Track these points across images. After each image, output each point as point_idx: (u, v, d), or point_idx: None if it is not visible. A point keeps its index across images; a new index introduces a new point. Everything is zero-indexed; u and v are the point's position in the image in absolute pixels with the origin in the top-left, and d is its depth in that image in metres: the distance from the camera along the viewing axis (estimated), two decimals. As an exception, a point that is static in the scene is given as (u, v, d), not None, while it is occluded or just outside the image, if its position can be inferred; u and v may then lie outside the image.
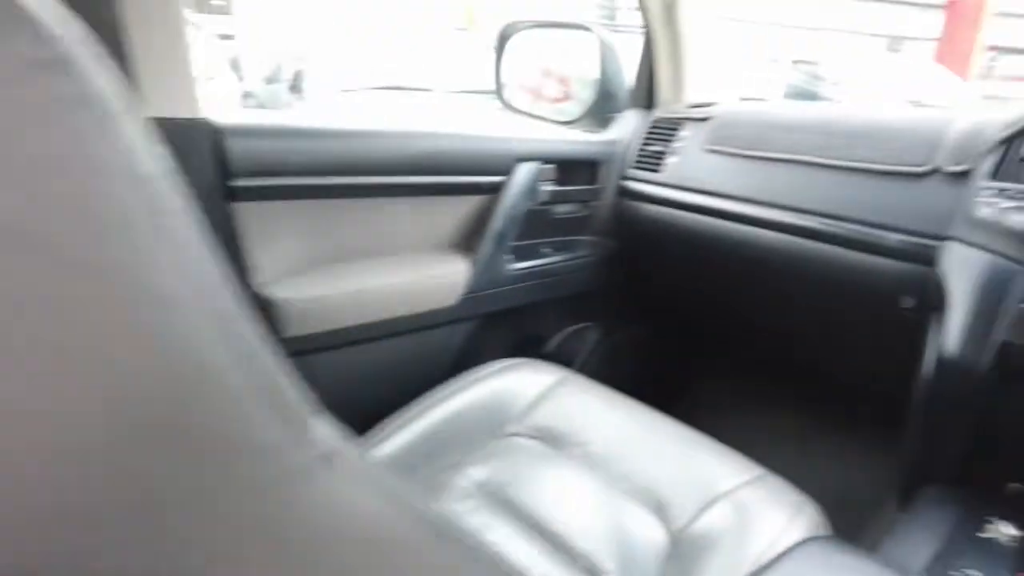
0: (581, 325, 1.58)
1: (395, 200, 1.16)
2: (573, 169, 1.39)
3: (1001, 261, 0.91)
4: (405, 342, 1.18)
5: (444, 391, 1.06)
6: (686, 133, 1.36)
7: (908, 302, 1.04)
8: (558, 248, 1.42)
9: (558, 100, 1.80)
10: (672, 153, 1.37)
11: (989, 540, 0.85)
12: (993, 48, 11.24)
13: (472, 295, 1.23)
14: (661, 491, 0.88)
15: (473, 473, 0.93)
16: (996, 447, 0.98)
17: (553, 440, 0.99)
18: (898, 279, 1.04)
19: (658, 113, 1.45)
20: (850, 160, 1.11)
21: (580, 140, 1.43)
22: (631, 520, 0.86)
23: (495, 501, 0.89)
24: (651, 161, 1.40)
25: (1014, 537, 0.84)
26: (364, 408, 1.03)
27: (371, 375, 1.17)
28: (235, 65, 5.95)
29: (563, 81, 1.81)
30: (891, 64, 8.00)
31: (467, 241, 1.26)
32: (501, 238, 1.25)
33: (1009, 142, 0.95)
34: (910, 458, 1.05)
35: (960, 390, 0.93)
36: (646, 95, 1.50)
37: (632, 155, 1.44)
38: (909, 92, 6.41)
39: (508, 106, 1.64)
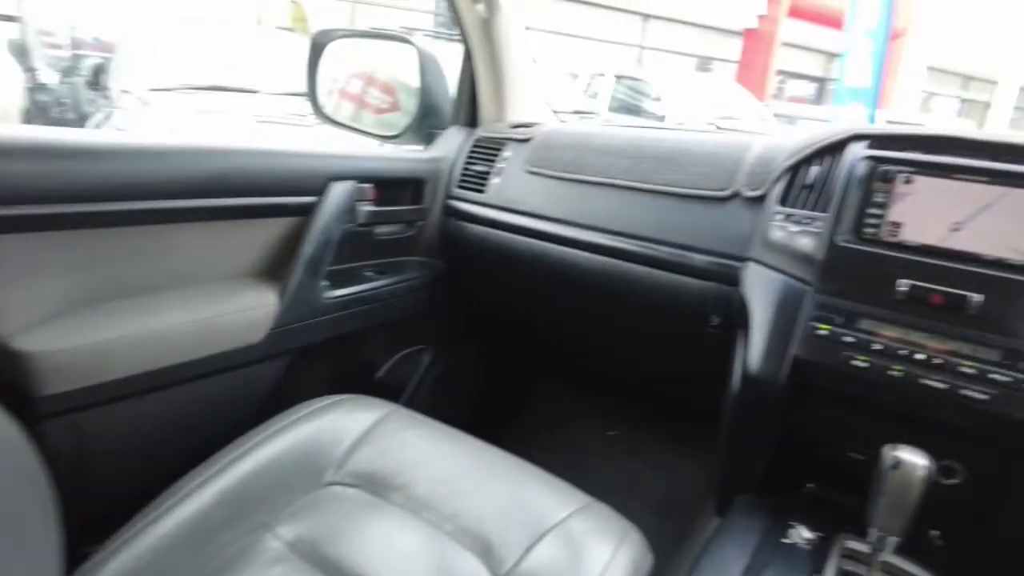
0: (412, 349, 1.51)
1: (185, 226, 1.02)
2: (395, 188, 1.32)
3: (792, 282, 0.97)
4: (204, 388, 1.04)
5: (250, 440, 0.95)
6: (508, 154, 1.35)
7: (716, 320, 1.10)
8: (382, 271, 1.34)
9: (383, 110, 1.72)
10: (495, 174, 1.35)
11: (791, 546, 0.90)
12: (781, 72, 12.85)
13: (282, 329, 1.12)
14: (488, 530, 0.85)
15: (284, 533, 0.84)
16: (794, 454, 1.06)
17: (375, 486, 0.92)
18: (706, 298, 1.10)
19: (481, 132, 1.43)
20: (659, 184, 1.15)
21: (402, 157, 1.37)
22: (456, 566, 0.81)
23: (310, 562, 0.80)
24: (475, 181, 1.37)
25: (809, 540, 0.90)
26: (156, 470, 0.89)
27: (164, 430, 1.02)
28: (20, 52, 5.16)
29: (388, 90, 1.72)
30: (702, 82, 8.79)
31: (274, 269, 1.15)
32: (314, 264, 1.15)
33: (795, 169, 1.03)
34: (722, 469, 1.10)
35: (762, 403, 0.98)
36: (469, 113, 1.47)
37: (457, 174, 1.40)
38: (718, 109, 7.08)
39: (325, 118, 1.53)
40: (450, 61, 1.50)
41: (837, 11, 5.64)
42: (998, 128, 13.96)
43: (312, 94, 1.50)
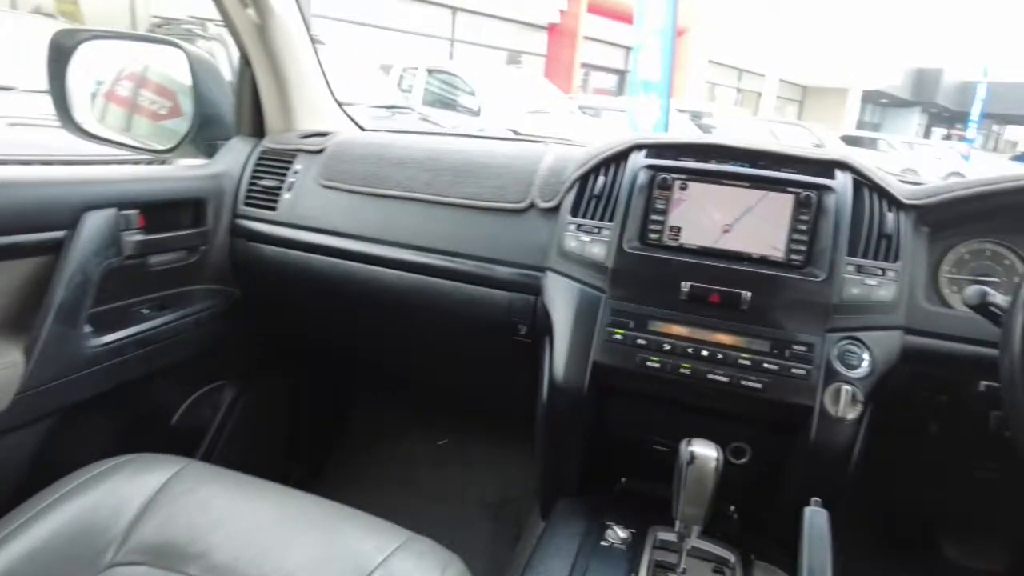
0: (210, 387, 1.37)
1: None
2: (170, 210, 1.17)
3: (588, 290, 1.00)
4: None
5: (3, 530, 0.78)
6: (300, 167, 1.25)
7: (523, 330, 1.11)
8: (163, 306, 1.19)
9: (161, 116, 1.52)
10: (287, 188, 1.25)
11: (609, 548, 0.93)
12: (586, 65, 13.62)
13: (34, 391, 0.94)
14: None
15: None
16: (607, 452, 1.10)
17: (167, 559, 0.80)
18: (512, 309, 1.10)
19: (267, 143, 1.32)
20: (458, 197, 1.13)
21: (176, 175, 1.22)
22: None
23: None
24: (265, 197, 1.26)
25: (624, 539, 0.93)
26: None
27: None
28: None
29: (164, 93, 1.52)
30: (513, 76, 9.04)
31: (16, 321, 0.96)
32: (69, 309, 0.98)
33: (583, 180, 1.06)
34: (541, 474, 1.12)
35: (569, 409, 1.00)
36: (253, 122, 1.34)
37: (244, 190, 1.28)
38: (528, 102, 7.31)
39: (82, 133, 1.32)
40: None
41: (631, 8, 6.03)
42: (766, 114, 15.95)
43: (61, 105, 1.28)
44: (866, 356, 0.90)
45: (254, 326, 1.40)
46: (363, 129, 1.48)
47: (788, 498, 0.96)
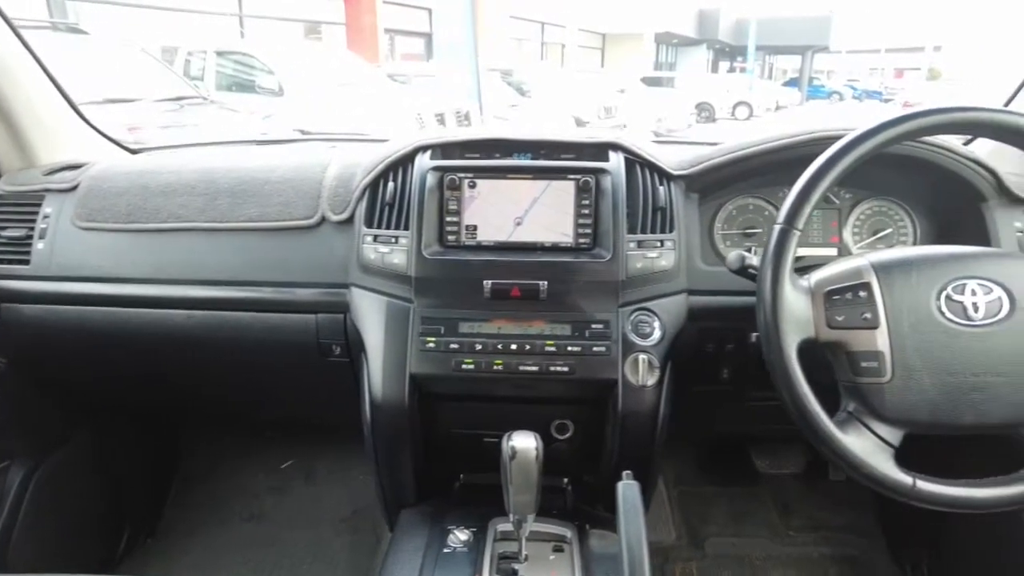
0: None
1: None
2: None
3: (395, 301, 0.98)
4: None
5: None
6: (50, 209, 1.10)
7: (336, 350, 1.07)
8: None
9: None
10: (39, 237, 1.09)
11: (452, 553, 0.94)
12: (389, 31, 13.20)
13: None
14: None
15: None
16: (441, 454, 1.10)
17: None
18: (320, 331, 1.05)
19: (3, 186, 1.13)
20: (241, 221, 1.05)
21: None
22: None
23: None
24: (12, 250, 1.09)
25: (465, 541, 0.95)
26: None
27: None
28: None
29: None
30: (314, 50, 8.55)
31: None
32: None
33: (373, 187, 1.03)
34: (380, 489, 1.11)
35: (394, 423, 0.99)
36: None
37: None
38: (334, 77, 6.97)
39: None
40: None
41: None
42: (570, 64, 16.56)
43: None
44: (656, 323, 0.97)
45: (35, 395, 1.23)
46: (131, 151, 1.33)
47: (608, 464, 1.03)
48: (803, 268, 0.83)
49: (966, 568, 1.30)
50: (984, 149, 1.09)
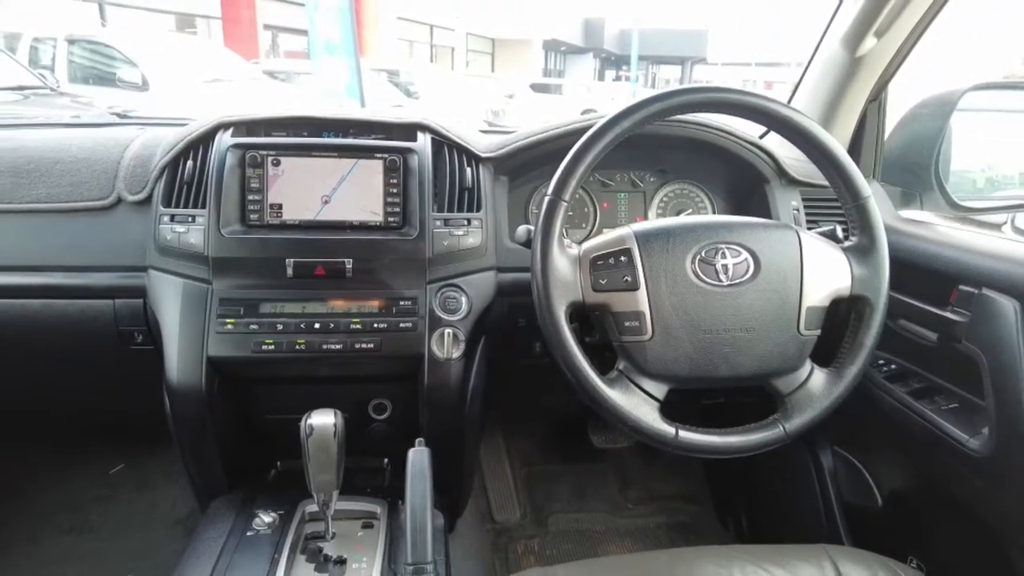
0: None
1: None
2: None
3: (192, 283, 0.95)
4: None
5: None
6: None
7: (139, 337, 1.02)
8: None
9: None
10: None
11: (255, 536, 0.92)
12: (270, 27, 12.70)
13: None
14: None
15: None
16: (253, 440, 1.08)
17: None
18: (119, 317, 1.00)
19: None
20: (27, 202, 0.98)
21: None
22: None
23: None
24: None
25: (270, 523, 0.93)
26: None
27: None
28: None
29: None
30: (185, 43, 8.09)
31: None
32: None
33: (173, 166, 0.99)
34: (189, 479, 1.07)
35: (194, 410, 0.96)
36: None
37: None
38: (204, 71, 6.62)
39: None
40: None
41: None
42: (460, 68, 16.63)
43: None
44: (463, 299, 0.99)
45: None
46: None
47: (431, 437, 1.05)
48: None
49: (770, 515, 1.43)
50: (774, 139, 1.21)
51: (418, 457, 0.80)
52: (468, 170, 1.04)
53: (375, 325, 0.96)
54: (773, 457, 1.39)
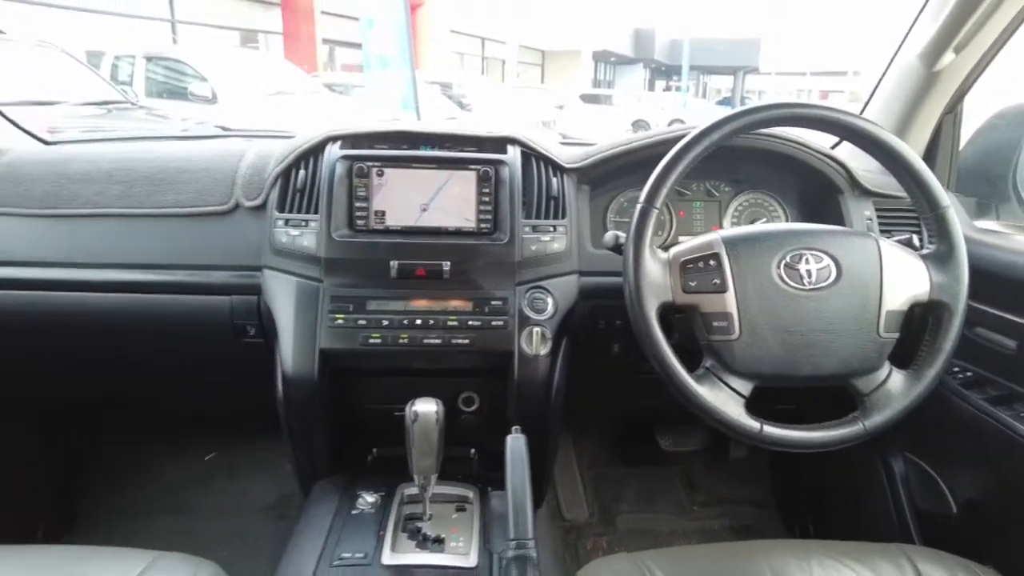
0: None
1: None
2: None
3: (305, 281, 1.04)
4: None
5: None
6: None
7: (251, 331, 1.12)
8: None
9: None
10: None
11: (360, 514, 1.00)
12: (328, 41, 13.13)
13: None
14: None
15: None
16: (355, 427, 1.16)
17: None
18: (234, 312, 1.10)
19: None
20: (157, 207, 1.09)
21: None
22: None
23: None
24: None
25: (373, 503, 1.02)
26: None
27: None
28: None
29: None
30: (250, 59, 8.45)
31: None
32: None
33: (285, 175, 1.09)
34: (294, 463, 1.16)
35: (305, 397, 1.05)
36: None
37: None
38: (269, 85, 6.92)
39: None
40: None
41: (362, -18, 5.88)
42: (510, 80, 16.81)
43: None
44: (550, 300, 1.06)
45: None
46: (45, 142, 1.34)
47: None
48: None
49: (839, 521, 1.45)
50: (845, 149, 1.24)
51: (516, 443, 0.87)
52: (554, 180, 1.11)
53: (469, 322, 1.03)
54: (842, 463, 1.41)
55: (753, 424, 0.84)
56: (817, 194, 1.21)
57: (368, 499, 1.02)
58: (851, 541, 0.89)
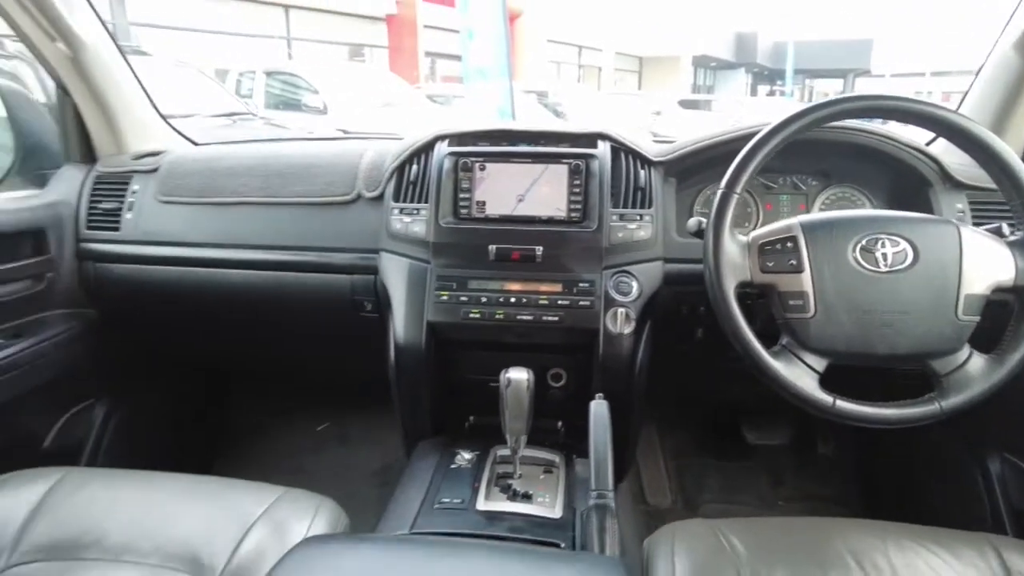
0: (80, 407, 1.41)
1: None
2: (6, 243, 1.22)
3: (416, 262, 1.18)
4: None
5: None
6: (137, 187, 1.33)
7: (368, 306, 1.26)
8: (17, 334, 1.23)
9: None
10: (127, 208, 1.32)
11: (457, 468, 1.12)
12: (430, 54, 13.69)
13: None
14: (194, 547, 0.88)
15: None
16: (453, 396, 1.28)
17: (64, 552, 0.88)
18: (355, 290, 1.25)
19: (101, 168, 1.37)
20: (291, 197, 1.26)
21: (8, 208, 1.25)
22: None
23: None
24: (106, 220, 1.32)
25: (469, 459, 1.13)
26: None
27: None
28: None
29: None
30: (357, 72, 8.98)
31: None
32: None
33: (400, 170, 1.23)
34: (401, 423, 1.29)
35: (413, 364, 1.18)
36: (81, 149, 1.39)
37: (84, 215, 1.34)
38: (375, 96, 7.34)
39: None
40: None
41: (464, -5, 6.10)
42: (607, 87, 16.78)
43: None
44: (634, 284, 1.14)
45: (118, 343, 1.45)
46: (195, 143, 1.56)
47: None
48: None
49: (931, 523, 1.42)
50: (939, 144, 1.25)
51: (599, 407, 0.95)
52: (642, 172, 1.19)
53: (559, 302, 1.13)
54: (935, 462, 1.39)
55: (826, 398, 0.88)
56: (907, 188, 1.22)
57: (465, 456, 1.14)
58: (934, 527, 0.90)
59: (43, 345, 1.26)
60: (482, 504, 1.01)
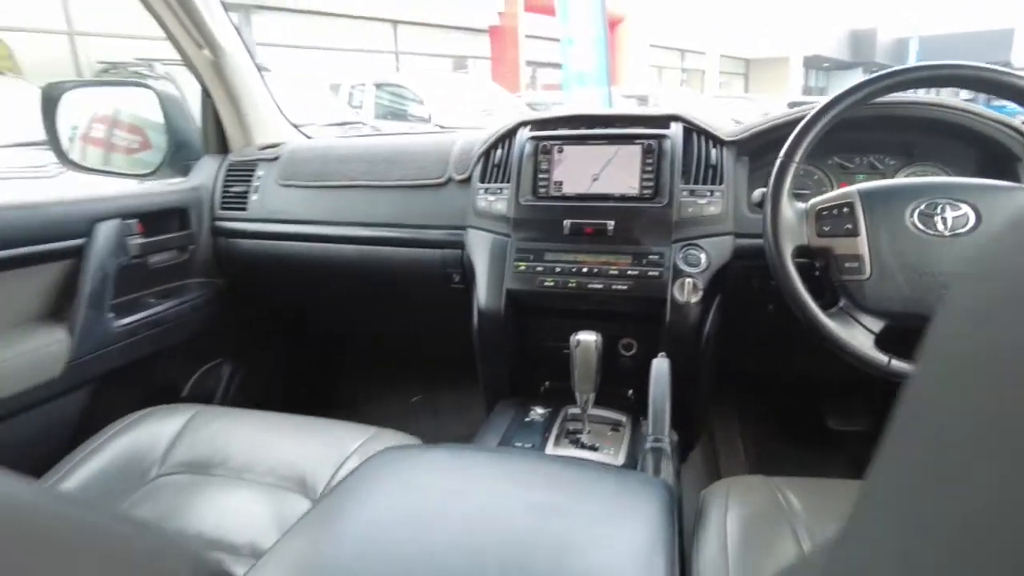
0: (212, 364, 1.64)
1: None
2: (160, 219, 1.45)
3: (498, 236, 1.29)
4: (13, 424, 1.12)
5: (68, 463, 1.05)
6: (261, 173, 1.54)
7: (456, 278, 1.40)
8: (165, 296, 1.46)
9: (134, 150, 1.79)
10: (253, 191, 1.53)
11: (531, 421, 1.22)
12: (531, 63, 13.98)
13: (79, 361, 1.22)
14: (302, 470, 1.03)
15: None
16: (530, 361, 1.39)
17: (199, 468, 1.06)
18: (445, 263, 1.39)
19: (232, 157, 1.59)
20: (391, 180, 1.42)
21: (162, 191, 1.49)
22: (282, 504, 1.00)
23: None
24: (236, 201, 1.54)
25: (542, 415, 1.23)
26: None
27: None
28: None
29: (135, 130, 1.79)
30: (459, 82, 9.36)
31: (59, 309, 1.24)
32: (97, 299, 1.25)
33: (487, 154, 1.36)
34: (483, 383, 1.41)
35: (494, 329, 1.29)
36: (218, 142, 1.62)
37: (219, 197, 1.56)
38: (476, 105, 7.63)
39: (74, 165, 1.58)
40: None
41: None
42: (711, 90, 16.38)
43: (55, 145, 1.54)
44: (703, 256, 1.20)
45: (241, 310, 1.67)
46: (309, 138, 1.77)
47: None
48: None
49: None
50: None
51: (661, 363, 1.02)
52: (713, 151, 1.25)
53: (628, 272, 1.21)
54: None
55: (881, 357, 0.91)
56: (990, 163, 1.21)
57: (538, 411, 1.24)
58: None
59: (183, 307, 1.48)
60: (551, 449, 1.11)
